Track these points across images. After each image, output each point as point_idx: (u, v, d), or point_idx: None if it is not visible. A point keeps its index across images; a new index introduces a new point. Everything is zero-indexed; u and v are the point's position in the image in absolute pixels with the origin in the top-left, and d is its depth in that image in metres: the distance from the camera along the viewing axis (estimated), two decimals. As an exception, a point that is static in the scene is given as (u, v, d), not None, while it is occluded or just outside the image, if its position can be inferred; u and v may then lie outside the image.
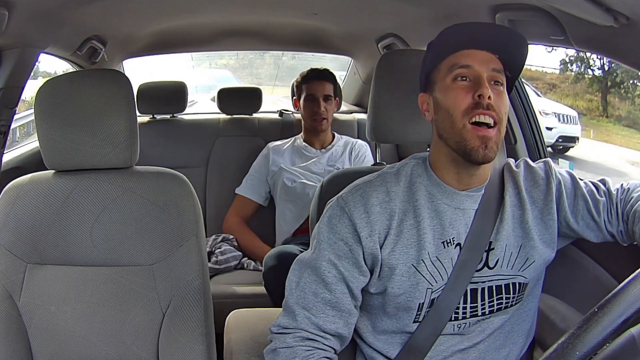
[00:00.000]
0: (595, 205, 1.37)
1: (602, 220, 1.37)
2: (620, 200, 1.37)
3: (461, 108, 1.28)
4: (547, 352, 0.88)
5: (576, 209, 1.38)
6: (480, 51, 1.30)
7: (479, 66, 1.29)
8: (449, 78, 1.31)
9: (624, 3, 1.23)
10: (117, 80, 1.59)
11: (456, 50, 1.31)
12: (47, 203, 1.58)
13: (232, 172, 3.02)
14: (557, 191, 1.38)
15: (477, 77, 1.29)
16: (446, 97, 1.31)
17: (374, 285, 1.35)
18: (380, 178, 1.38)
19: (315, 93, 2.82)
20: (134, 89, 1.68)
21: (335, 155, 2.85)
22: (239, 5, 2.51)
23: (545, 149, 2.33)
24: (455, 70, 1.30)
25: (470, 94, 1.28)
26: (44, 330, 1.55)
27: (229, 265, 2.72)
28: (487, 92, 1.27)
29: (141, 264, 1.57)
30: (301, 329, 1.32)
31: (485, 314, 1.36)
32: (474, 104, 1.27)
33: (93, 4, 2.00)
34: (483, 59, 1.30)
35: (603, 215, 1.37)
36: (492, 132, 1.27)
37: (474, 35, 1.32)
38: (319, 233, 1.36)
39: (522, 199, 1.37)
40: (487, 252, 1.35)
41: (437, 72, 1.34)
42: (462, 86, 1.30)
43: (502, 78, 1.32)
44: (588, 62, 8.33)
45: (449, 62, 1.32)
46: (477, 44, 1.31)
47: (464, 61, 1.30)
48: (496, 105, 1.28)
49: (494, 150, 1.28)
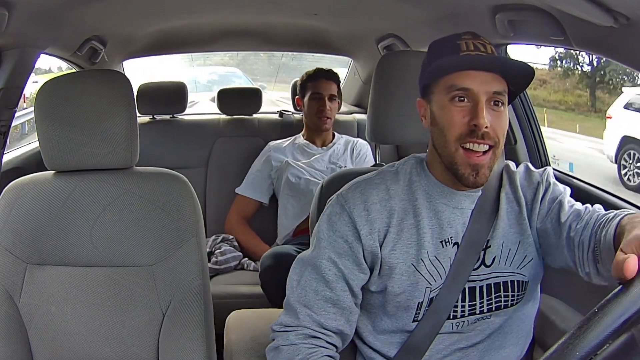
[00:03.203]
0: (565, 222, 1.30)
1: (562, 242, 1.30)
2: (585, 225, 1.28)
3: (455, 132, 1.26)
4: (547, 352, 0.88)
5: (546, 217, 1.34)
6: (481, 72, 1.26)
7: (478, 89, 1.25)
8: (446, 97, 1.28)
9: (624, 3, 1.23)
10: (117, 81, 1.59)
11: (456, 70, 1.27)
12: (47, 204, 1.58)
13: (232, 173, 3.03)
14: (542, 195, 1.36)
15: (476, 102, 1.25)
16: (442, 116, 1.29)
17: (374, 284, 1.35)
18: (380, 176, 1.39)
19: (322, 92, 2.85)
20: (134, 89, 1.68)
21: (337, 153, 2.86)
22: (239, 6, 2.51)
23: (545, 150, 2.33)
24: (453, 91, 1.26)
25: (467, 119, 1.25)
26: (44, 331, 1.55)
27: (229, 265, 2.73)
28: (483, 122, 1.23)
29: (141, 264, 1.57)
30: (304, 327, 1.32)
31: (484, 312, 1.36)
32: (468, 131, 1.25)
33: (93, 4, 2.00)
34: (484, 80, 1.25)
35: (564, 237, 1.30)
36: (484, 159, 1.26)
37: (475, 61, 1.27)
38: (319, 231, 1.36)
39: (518, 197, 1.37)
40: (484, 250, 1.35)
41: (436, 85, 1.31)
42: (459, 109, 1.26)
43: (504, 98, 1.28)
44: (577, 59, 8.33)
45: (447, 80, 1.27)
46: (479, 66, 1.26)
47: (462, 83, 1.26)
48: (493, 129, 1.25)
49: (485, 175, 1.27)
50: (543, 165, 2.29)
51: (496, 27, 1.80)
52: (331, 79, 2.88)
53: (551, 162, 2.35)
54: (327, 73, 2.90)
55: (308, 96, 2.88)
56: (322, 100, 2.83)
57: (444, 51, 1.30)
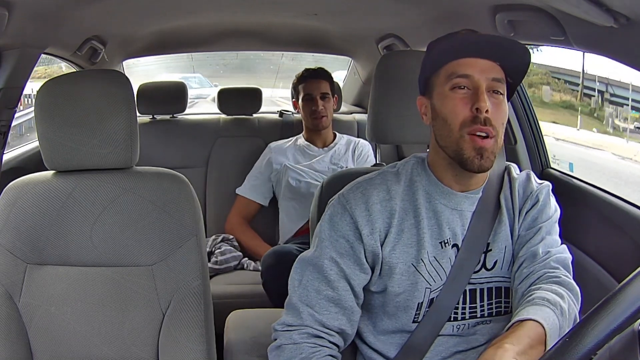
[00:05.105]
0: (521, 257, 1.33)
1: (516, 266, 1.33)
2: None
3: (459, 120, 1.27)
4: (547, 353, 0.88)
5: (524, 230, 1.36)
6: (481, 59, 1.28)
7: (478, 76, 1.27)
8: (447, 86, 1.29)
9: (624, 3, 1.23)
10: (117, 81, 1.59)
11: (456, 57, 1.29)
12: (47, 203, 1.58)
13: (232, 172, 3.03)
14: (528, 209, 1.36)
15: (476, 88, 1.27)
16: (444, 106, 1.30)
17: (375, 284, 1.36)
18: (381, 177, 1.39)
19: (312, 92, 2.83)
20: (134, 89, 1.68)
21: (339, 153, 2.86)
22: (239, 6, 2.51)
23: (545, 150, 2.33)
24: (454, 79, 1.28)
25: (469, 106, 1.27)
26: (44, 331, 1.55)
27: (229, 265, 2.73)
28: (484, 105, 1.25)
29: (141, 264, 1.57)
30: (306, 326, 1.32)
31: (485, 316, 1.36)
32: (471, 117, 1.26)
33: (93, 4, 2.00)
34: (483, 67, 1.28)
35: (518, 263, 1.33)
36: (488, 143, 1.27)
37: (474, 44, 1.29)
38: (321, 231, 1.36)
39: (514, 202, 1.38)
40: (485, 253, 1.35)
41: (436, 77, 1.32)
42: (460, 96, 1.28)
43: (503, 87, 1.30)
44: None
45: (448, 69, 1.30)
46: (478, 52, 1.28)
47: (463, 70, 1.28)
48: (494, 117, 1.26)
49: (490, 160, 1.28)
50: (543, 165, 2.30)
51: (496, 27, 1.80)
52: (320, 78, 2.86)
53: (551, 162, 2.35)
54: (315, 72, 2.88)
55: (301, 98, 2.87)
56: (314, 100, 2.82)
57: (442, 45, 1.32)
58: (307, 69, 2.91)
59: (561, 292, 1.24)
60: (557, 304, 1.19)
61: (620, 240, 1.77)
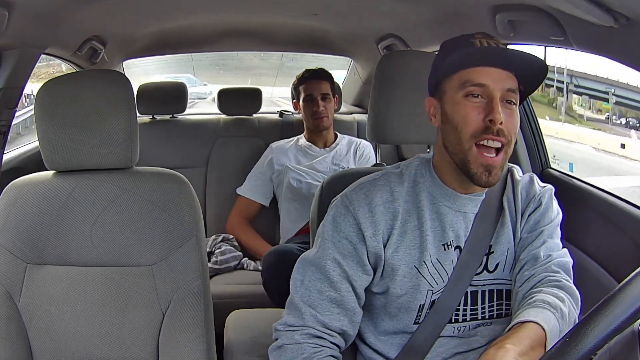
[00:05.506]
0: (523, 259, 1.33)
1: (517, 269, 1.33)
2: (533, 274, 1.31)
3: (470, 129, 1.25)
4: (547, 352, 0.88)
5: (526, 233, 1.35)
6: (496, 69, 1.26)
7: (493, 85, 1.25)
8: (460, 93, 1.27)
9: (624, 3, 1.23)
10: (117, 81, 1.59)
11: (471, 65, 1.26)
12: (47, 203, 1.58)
13: (232, 173, 3.02)
14: (530, 212, 1.36)
15: (491, 98, 1.25)
16: (456, 113, 1.27)
17: (377, 285, 1.35)
18: (384, 178, 1.38)
19: (313, 93, 2.83)
20: (134, 89, 1.68)
21: (340, 154, 2.86)
22: (239, 6, 2.51)
23: (545, 150, 2.33)
24: (469, 87, 1.26)
25: (482, 116, 1.25)
26: (44, 331, 1.55)
27: (229, 265, 2.73)
28: (499, 117, 1.23)
29: (141, 264, 1.57)
30: (308, 326, 1.31)
31: (486, 319, 1.36)
32: (483, 128, 1.24)
33: (93, 4, 2.00)
34: (499, 77, 1.25)
35: (520, 266, 1.33)
36: (497, 160, 1.26)
37: (494, 56, 1.27)
38: (324, 232, 1.36)
39: (517, 205, 1.38)
40: (487, 255, 1.35)
41: (449, 81, 1.30)
42: (473, 105, 1.26)
43: (516, 97, 1.28)
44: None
45: (462, 76, 1.27)
46: (496, 62, 1.26)
47: (478, 79, 1.25)
48: (506, 128, 1.24)
49: (498, 176, 1.27)
50: (543, 165, 2.30)
51: (496, 27, 1.80)
52: (320, 78, 2.86)
53: (551, 162, 2.35)
54: (315, 73, 2.88)
55: (302, 99, 2.87)
56: (314, 101, 2.82)
57: (458, 48, 1.29)
58: (308, 70, 2.91)
59: (562, 295, 1.24)
60: (557, 307, 1.19)
61: (620, 240, 1.77)
